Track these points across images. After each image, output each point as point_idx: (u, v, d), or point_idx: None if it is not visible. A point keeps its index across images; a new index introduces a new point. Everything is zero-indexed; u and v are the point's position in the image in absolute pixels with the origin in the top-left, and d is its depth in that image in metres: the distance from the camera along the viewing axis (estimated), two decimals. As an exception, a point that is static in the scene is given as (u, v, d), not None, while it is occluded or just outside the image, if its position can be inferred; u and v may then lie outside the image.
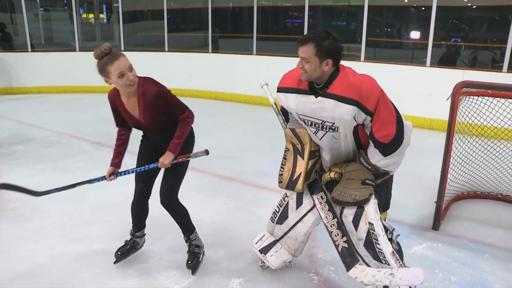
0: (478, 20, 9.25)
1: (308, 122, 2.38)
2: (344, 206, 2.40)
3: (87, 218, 3.70)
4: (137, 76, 2.53)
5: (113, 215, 3.73)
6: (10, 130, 6.74)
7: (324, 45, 2.15)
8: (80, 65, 9.95)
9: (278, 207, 2.76)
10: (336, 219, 2.42)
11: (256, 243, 2.88)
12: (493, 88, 3.37)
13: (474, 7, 8.81)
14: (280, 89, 2.46)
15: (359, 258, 2.37)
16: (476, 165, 3.99)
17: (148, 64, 9.82)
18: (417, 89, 6.99)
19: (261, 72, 8.77)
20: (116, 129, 2.87)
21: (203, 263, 2.98)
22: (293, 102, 2.38)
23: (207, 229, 3.46)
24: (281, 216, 2.73)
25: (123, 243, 3.06)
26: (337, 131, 2.29)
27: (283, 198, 2.73)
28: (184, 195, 4.00)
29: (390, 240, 2.33)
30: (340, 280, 2.85)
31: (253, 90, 8.99)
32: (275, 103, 2.61)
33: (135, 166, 2.81)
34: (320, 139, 2.40)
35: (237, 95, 9.25)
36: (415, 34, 10.26)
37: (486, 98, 3.56)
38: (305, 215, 2.62)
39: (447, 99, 3.28)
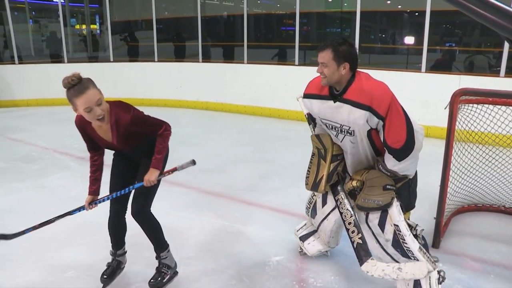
0: (471, 25, 9.11)
1: (329, 125, 2.56)
2: (368, 212, 2.53)
3: (62, 240, 3.44)
4: (108, 103, 2.41)
5: (90, 236, 3.48)
6: (-8, 145, 6.50)
7: (340, 50, 2.34)
8: (68, 77, 9.74)
9: (308, 203, 3.01)
10: (353, 217, 2.59)
11: (298, 230, 3.16)
12: (493, 96, 3.15)
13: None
14: (306, 95, 2.65)
15: (371, 254, 2.52)
16: (477, 176, 3.76)
17: (137, 74, 9.68)
18: (412, 95, 6.77)
19: (252, 81, 8.62)
20: None
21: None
22: (316, 107, 2.57)
23: (190, 252, 3.22)
24: (312, 211, 2.98)
25: (105, 267, 2.85)
26: (354, 134, 2.45)
27: (312, 197, 2.97)
28: (168, 214, 3.82)
29: (416, 236, 2.51)
30: (332, 307, 2.61)
31: (244, 100, 8.78)
32: (307, 114, 2.83)
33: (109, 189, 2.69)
34: (341, 142, 2.58)
35: (228, 105, 9.02)
36: (409, 40, 10.10)
37: (486, 105, 3.34)
38: (328, 214, 2.84)
39: (445, 108, 3.06)
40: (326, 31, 12.19)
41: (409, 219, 2.61)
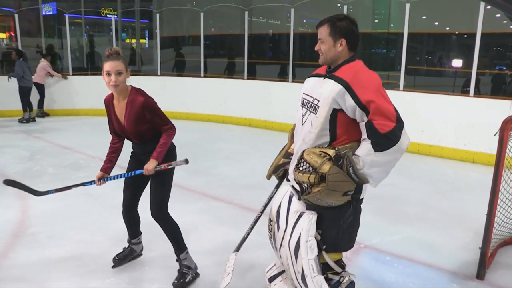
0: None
1: (305, 101, 2.35)
2: (291, 236, 2.29)
3: (105, 247, 3.54)
4: (131, 86, 2.84)
5: (131, 246, 3.57)
6: (44, 151, 6.85)
7: (338, 25, 2.18)
8: (116, 89, 10.12)
9: (269, 232, 2.67)
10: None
11: (267, 271, 2.84)
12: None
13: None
14: (308, 77, 2.48)
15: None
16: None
17: (183, 89, 9.91)
18: (459, 120, 6.59)
19: (296, 100, 8.64)
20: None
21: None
22: (309, 83, 2.39)
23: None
24: (273, 240, 2.62)
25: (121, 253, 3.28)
26: (316, 113, 2.19)
27: (269, 223, 2.64)
28: (206, 228, 3.88)
29: (339, 282, 2.29)
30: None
31: (288, 118, 8.79)
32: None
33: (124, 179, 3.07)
34: (302, 124, 2.33)
35: (272, 123, 9.06)
36: (457, 62, 9.85)
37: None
38: (282, 238, 2.47)
39: (495, 135, 2.97)
40: (371, 51, 12.12)
41: (339, 261, 2.35)
